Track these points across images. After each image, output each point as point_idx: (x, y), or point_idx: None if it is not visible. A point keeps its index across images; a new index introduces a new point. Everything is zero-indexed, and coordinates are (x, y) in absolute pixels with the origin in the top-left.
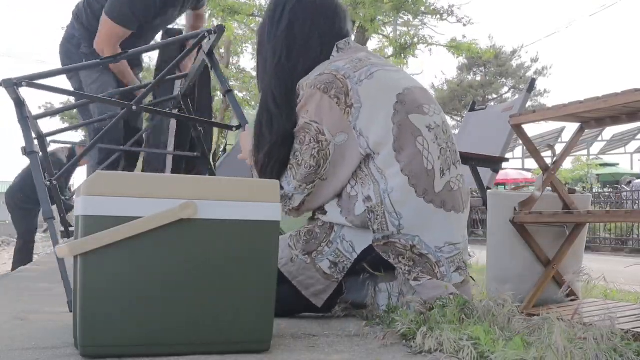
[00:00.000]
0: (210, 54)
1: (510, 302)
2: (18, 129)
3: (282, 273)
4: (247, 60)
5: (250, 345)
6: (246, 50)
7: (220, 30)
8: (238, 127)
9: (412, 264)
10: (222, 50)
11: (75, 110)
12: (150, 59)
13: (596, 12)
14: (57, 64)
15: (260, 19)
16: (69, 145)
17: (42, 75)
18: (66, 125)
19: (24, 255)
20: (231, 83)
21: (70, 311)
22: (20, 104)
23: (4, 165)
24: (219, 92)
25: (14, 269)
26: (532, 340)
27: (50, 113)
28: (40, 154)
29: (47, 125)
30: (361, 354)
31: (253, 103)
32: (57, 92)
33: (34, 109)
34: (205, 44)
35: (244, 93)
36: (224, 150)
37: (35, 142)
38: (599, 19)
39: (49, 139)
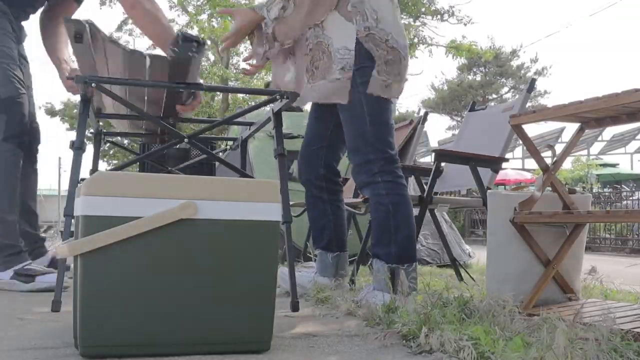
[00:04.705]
0: (277, 114)
1: (511, 302)
2: None
3: None
4: None
5: (250, 345)
6: (245, 50)
7: (293, 96)
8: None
9: (385, 54)
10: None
11: (75, 111)
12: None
13: (596, 12)
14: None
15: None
16: None
17: (109, 81)
18: (66, 125)
19: None
20: (231, 83)
21: (53, 310)
22: (85, 100)
23: None
24: (221, 93)
25: None
26: (532, 340)
27: (116, 116)
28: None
29: (45, 122)
30: (361, 354)
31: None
32: (118, 100)
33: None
34: (277, 104)
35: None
36: (224, 150)
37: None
38: (599, 19)
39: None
